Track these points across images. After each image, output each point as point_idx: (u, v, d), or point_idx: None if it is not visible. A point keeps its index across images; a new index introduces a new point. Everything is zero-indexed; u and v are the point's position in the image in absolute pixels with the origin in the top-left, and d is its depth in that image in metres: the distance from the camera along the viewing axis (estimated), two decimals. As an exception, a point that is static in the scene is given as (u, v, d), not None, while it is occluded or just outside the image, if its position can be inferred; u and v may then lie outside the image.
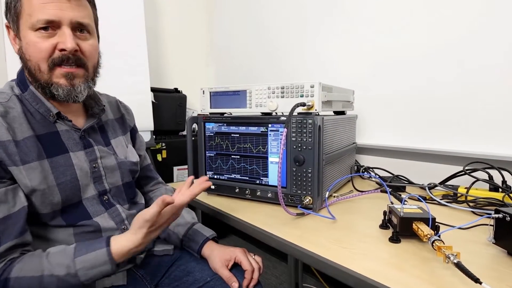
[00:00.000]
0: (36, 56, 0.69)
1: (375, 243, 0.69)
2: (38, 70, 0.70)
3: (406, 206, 0.73)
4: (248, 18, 2.06)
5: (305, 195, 0.89)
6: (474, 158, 1.04)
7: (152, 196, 1.01)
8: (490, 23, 1.05)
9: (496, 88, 1.05)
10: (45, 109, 0.74)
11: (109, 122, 0.90)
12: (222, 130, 1.03)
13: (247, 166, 1.00)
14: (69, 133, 0.77)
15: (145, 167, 1.00)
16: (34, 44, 0.68)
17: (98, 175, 0.80)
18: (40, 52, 0.68)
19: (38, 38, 0.68)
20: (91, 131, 0.82)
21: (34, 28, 0.67)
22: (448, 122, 1.17)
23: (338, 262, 0.60)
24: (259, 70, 2.00)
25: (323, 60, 1.60)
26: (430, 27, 1.19)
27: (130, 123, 0.98)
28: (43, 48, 0.68)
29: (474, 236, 0.71)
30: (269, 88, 0.94)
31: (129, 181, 0.88)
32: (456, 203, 0.93)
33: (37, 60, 0.69)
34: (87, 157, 0.78)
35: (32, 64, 0.70)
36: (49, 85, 0.71)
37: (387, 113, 1.35)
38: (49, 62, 0.69)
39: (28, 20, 0.68)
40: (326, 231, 0.76)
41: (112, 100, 0.96)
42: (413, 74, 1.25)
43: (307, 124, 0.86)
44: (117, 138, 0.89)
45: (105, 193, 0.81)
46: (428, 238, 0.60)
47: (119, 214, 0.82)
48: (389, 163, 1.32)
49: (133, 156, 0.91)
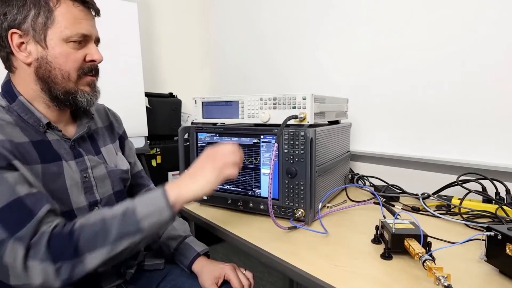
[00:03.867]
0: (69, 65, 0.73)
1: (366, 259, 0.68)
2: (67, 79, 0.74)
3: (398, 221, 0.73)
4: (244, 21, 2.05)
5: (297, 208, 0.88)
6: (468, 168, 1.04)
7: None
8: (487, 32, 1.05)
9: (490, 99, 1.05)
10: (35, 119, 0.74)
11: (99, 130, 0.89)
12: (214, 141, 1.02)
13: (240, 177, 0.99)
14: (60, 143, 0.76)
15: (135, 174, 0.99)
16: (67, 55, 0.73)
17: (89, 185, 0.79)
18: (74, 62, 0.74)
19: (71, 50, 0.73)
20: (80, 140, 0.82)
21: (68, 40, 0.72)
22: (442, 131, 1.17)
23: (329, 282, 0.59)
24: (255, 74, 1.99)
25: (318, 66, 1.59)
26: (424, 36, 1.19)
27: (119, 131, 0.97)
28: (77, 58, 0.74)
29: (467, 252, 0.71)
30: (261, 99, 0.93)
31: (120, 190, 0.87)
32: (450, 215, 0.92)
33: (68, 69, 0.73)
34: (78, 167, 0.78)
35: (61, 73, 0.73)
36: (76, 92, 0.76)
37: (381, 120, 1.35)
38: (79, 72, 0.75)
39: (63, 32, 0.71)
40: (318, 246, 0.75)
41: (100, 107, 0.96)
42: (408, 83, 1.25)
43: (299, 137, 0.85)
44: (107, 146, 0.89)
45: (96, 204, 0.80)
46: (419, 257, 0.59)
47: None
48: (384, 171, 1.32)
49: (123, 164, 0.90)
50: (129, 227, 0.63)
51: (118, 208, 0.66)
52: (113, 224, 0.63)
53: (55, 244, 0.60)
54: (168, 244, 0.90)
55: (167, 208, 0.65)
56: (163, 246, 0.90)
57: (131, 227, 0.63)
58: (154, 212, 0.64)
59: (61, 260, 0.59)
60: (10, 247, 0.59)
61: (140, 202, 0.66)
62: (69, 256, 0.60)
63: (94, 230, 0.62)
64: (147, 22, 2.20)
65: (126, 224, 0.63)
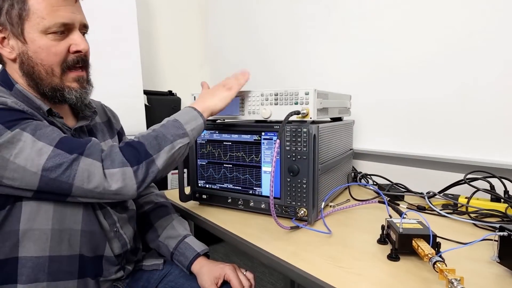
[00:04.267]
0: (51, 59, 0.68)
1: (372, 261, 0.65)
2: (51, 74, 0.69)
3: (405, 221, 0.70)
4: (242, 19, 2.02)
5: (300, 207, 0.85)
6: (475, 166, 1.01)
7: (142, 202, 0.97)
8: (493, 28, 1.01)
9: (497, 95, 1.02)
10: (36, 106, 0.71)
11: (98, 125, 0.87)
12: (214, 138, 0.99)
13: (240, 175, 0.96)
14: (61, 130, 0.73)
15: None
16: (48, 48, 0.68)
17: None
18: (56, 55, 0.69)
19: (52, 42, 0.68)
20: (81, 132, 0.80)
21: (47, 31, 0.67)
22: (448, 128, 1.13)
23: (332, 284, 0.56)
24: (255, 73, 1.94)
25: (319, 64, 1.56)
26: (431, 30, 1.15)
27: (117, 127, 0.96)
28: (59, 51, 0.69)
29: (476, 253, 0.68)
30: (262, 95, 0.90)
31: None
32: (457, 214, 0.89)
33: (51, 64, 0.69)
34: None
35: (44, 68, 0.69)
36: (63, 89, 0.71)
37: (385, 117, 1.32)
38: (63, 66, 0.70)
39: (40, 23, 0.66)
40: (321, 247, 0.72)
41: (98, 104, 0.94)
42: (413, 78, 1.21)
43: (302, 133, 0.83)
44: (106, 141, 0.87)
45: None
46: (429, 258, 0.56)
47: (111, 216, 0.78)
48: (388, 169, 1.28)
49: None
50: (178, 130, 0.71)
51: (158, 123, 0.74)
52: (166, 130, 0.70)
53: (127, 152, 0.66)
54: (167, 244, 0.87)
55: (199, 116, 0.76)
56: (161, 246, 0.88)
57: (179, 130, 0.71)
58: (191, 119, 0.74)
59: (136, 163, 0.65)
60: (82, 164, 0.62)
61: (176, 116, 0.75)
62: (142, 158, 0.66)
63: (153, 136, 0.69)
64: (146, 20, 2.16)
65: (175, 128, 0.71)
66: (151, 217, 0.93)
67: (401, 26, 1.23)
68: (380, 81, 1.31)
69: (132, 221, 0.86)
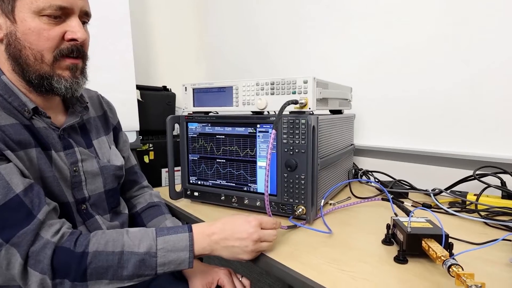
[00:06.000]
0: (41, 44, 0.61)
1: (378, 263, 0.59)
2: (40, 61, 0.62)
3: (413, 219, 0.64)
4: (240, 12, 1.95)
5: (297, 204, 0.79)
6: (483, 162, 0.95)
7: (135, 202, 0.91)
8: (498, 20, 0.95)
9: (507, 86, 0.96)
10: (20, 102, 0.64)
11: (91, 120, 0.80)
12: (206, 131, 0.93)
13: (234, 171, 0.89)
14: (47, 131, 0.67)
15: (129, 170, 0.91)
16: (39, 31, 0.61)
17: (78, 180, 0.70)
18: (47, 40, 0.61)
19: (45, 25, 0.61)
20: (71, 130, 0.73)
21: (40, 13, 0.60)
22: (454, 122, 1.07)
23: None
24: (252, 67, 1.90)
25: (319, 57, 1.50)
26: (434, 23, 1.09)
27: (113, 122, 0.89)
28: (52, 36, 0.61)
29: (489, 254, 0.61)
30: (257, 84, 0.84)
31: (112, 188, 0.79)
32: (466, 212, 0.83)
33: (41, 49, 0.62)
34: (68, 159, 0.69)
35: (32, 53, 0.62)
36: (51, 77, 0.64)
37: (387, 112, 1.25)
38: (56, 53, 0.63)
39: (33, 3, 0.59)
40: (321, 248, 0.66)
41: (94, 95, 0.87)
42: (417, 70, 1.15)
43: (300, 125, 0.76)
44: (100, 138, 0.80)
45: (84, 202, 0.72)
46: (442, 261, 0.50)
47: (99, 226, 0.72)
48: (390, 166, 1.22)
49: (117, 159, 0.81)
50: (146, 271, 0.59)
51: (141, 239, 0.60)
52: (130, 262, 0.58)
53: (61, 259, 0.55)
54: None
55: (188, 262, 0.61)
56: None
57: (147, 271, 0.59)
58: (174, 261, 0.60)
59: (62, 278, 0.55)
60: (5, 251, 0.53)
61: (164, 244, 0.60)
62: (72, 277, 0.55)
63: (108, 261, 0.57)
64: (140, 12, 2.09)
65: (143, 267, 0.59)
66: (143, 217, 0.87)
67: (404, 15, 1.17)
68: (382, 73, 1.25)
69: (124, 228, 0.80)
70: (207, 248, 0.63)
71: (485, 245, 0.58)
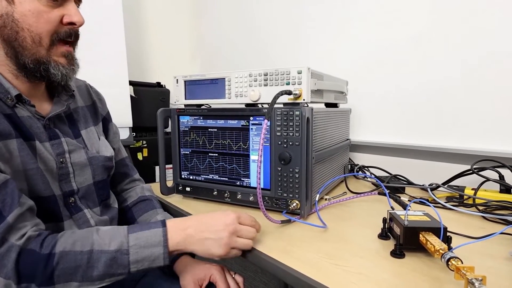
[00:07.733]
0: (41, 27, 0.60)
1: (374, 258, 0.57)
2: (37, 44, 0.61)
3: (410, 213, 0.62)
4: (237, 7, 1.93)
5: (292, 199, 0.77)
6: (481, 156, 0.93)
7: (126, 196, 0.88)
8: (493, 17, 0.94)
9: (504, 81, 0.94)
10: (2, 90, 0.61)
11: (79, 110, 0.77)
12: (198, 124, 0.90)
13: (226, 165, 0.87)
14: (32, 120, 0.64)
15: (119, 162, 0.88)
16: (39, 13, 0.59)
17: (65, 172, 0.67)
18: (47, 23, 0.60)
19: (45, 7, 0.60)
20: (57, 120, 0.70)
21: None
22: (451, 117, 1.06)
23: (330, 286, 0.48)
24: (249, 64, 1.87)
25: (316, 50, 1.48)
26: (433, 16, 1.07)
27: (103, 112, 0.86)
28: (52, 19, 0.61)
29: (488, 248, 0.60)
30: (250, 75, 0.81)
31: (101, 180, 0.76)
32: (464, 207, 0.82)
33: (40, 32, 0.60)
34: (54, 150, 0.66)
35: (31, 35, 0.60)
36: (47, 62, 0.62)
37: (383, 107, 1.24)
38: (53, 37, 0.62)
39: None
40: (316, 243, 0.64)
41: (82, 84, 0.84)
42: (413, 66, 1.13)
43: (294, 116, 0.74)
44: (88, 128, 0.77)
45: (72, 195, 0.69)
46: (441, 254, 0.48)
47: (87, 220, 0.70)
48: (386, 162, 1.20)
49: (106, 150, 0.78)
50: (118, 270, 0.56)
51: (111, 237, 0.57)
52: (101, 261, 0.55)
53: (27, 262, 0.52)
54: None
55: (162, 258, 0.58)
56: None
57: (119, 269, 0.56)
58: (147, 257, 0.57)
59: (28, 283, 0.52)
60: None
61: (136, 240, 0.57)
62: (39, 281, 0.52)
63: (76, 261, 0.54)
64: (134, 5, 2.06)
65: (115, 265, 0.55)
66: (134, 212, 0.84)
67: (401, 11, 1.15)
68: (379, 67, 1.23)
69: (114, 223, 0.78)
70: (181, 243, 0.60)
71: (484, 239, 0.56)
